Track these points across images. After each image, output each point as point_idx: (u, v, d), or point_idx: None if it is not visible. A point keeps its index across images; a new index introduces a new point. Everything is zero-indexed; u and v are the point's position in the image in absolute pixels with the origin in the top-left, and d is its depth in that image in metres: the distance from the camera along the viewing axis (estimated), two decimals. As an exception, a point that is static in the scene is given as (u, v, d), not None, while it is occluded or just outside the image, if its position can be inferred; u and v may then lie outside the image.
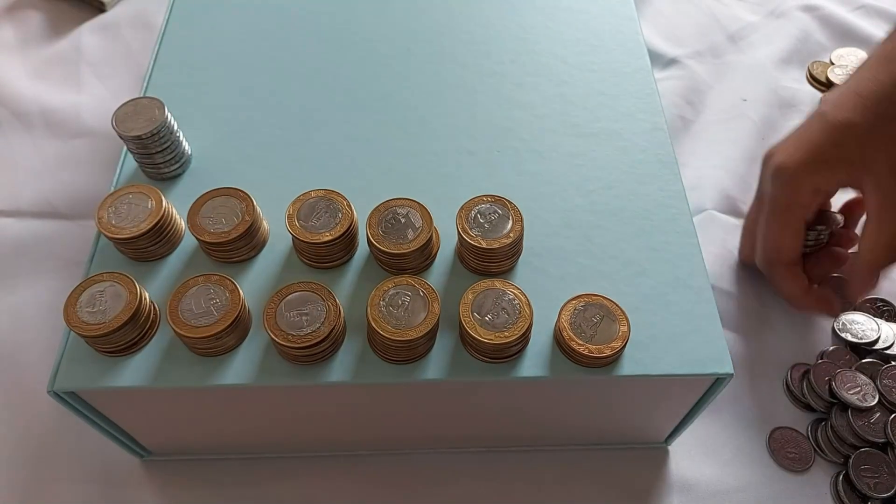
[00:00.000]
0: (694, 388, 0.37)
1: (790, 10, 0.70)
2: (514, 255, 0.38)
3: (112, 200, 0.38)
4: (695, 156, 0.59)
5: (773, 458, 0.44)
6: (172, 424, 0.40)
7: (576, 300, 0.36)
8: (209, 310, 0.34)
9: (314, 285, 0.35)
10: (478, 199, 0.38)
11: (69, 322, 0.34)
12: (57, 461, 0.44)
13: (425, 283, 0.35)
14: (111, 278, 0.35)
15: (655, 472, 0.44)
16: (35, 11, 0.68)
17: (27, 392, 0.46)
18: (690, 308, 0.37)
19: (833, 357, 0.47)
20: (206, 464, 0.44)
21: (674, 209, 0.41)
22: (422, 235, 0.37)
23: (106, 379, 0.35)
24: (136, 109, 0.40)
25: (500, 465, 0.44)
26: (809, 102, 0.63)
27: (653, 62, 0.64)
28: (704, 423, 0.45)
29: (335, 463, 0.44)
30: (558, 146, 0.44)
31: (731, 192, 0.56)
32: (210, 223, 0.37)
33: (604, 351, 0.34)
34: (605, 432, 0.43)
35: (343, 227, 0.37)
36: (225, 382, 0.34)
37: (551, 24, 0.51)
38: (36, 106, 0.61)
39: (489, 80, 0.47)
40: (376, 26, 0.51)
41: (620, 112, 0.45)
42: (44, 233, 0.53)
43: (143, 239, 0.37)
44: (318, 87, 0.47)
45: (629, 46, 0.49)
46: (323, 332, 0.34)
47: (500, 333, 0.34)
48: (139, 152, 0.40)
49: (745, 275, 0.52)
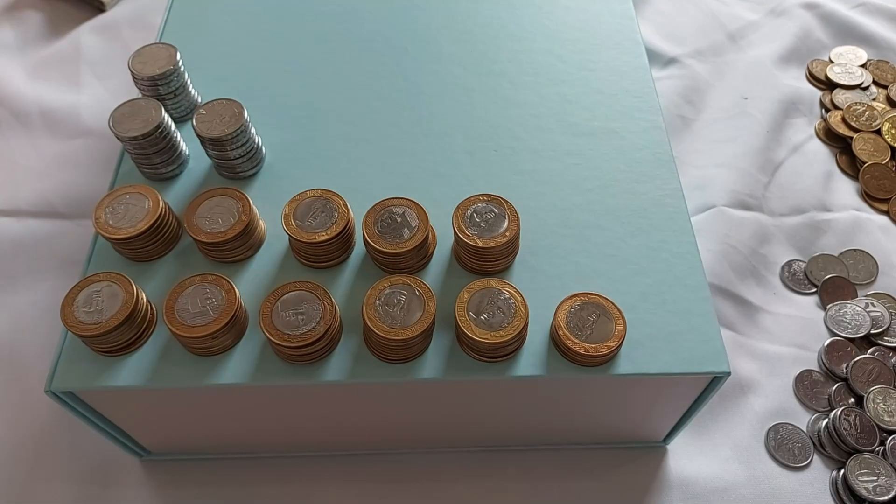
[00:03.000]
0: (691, 387, 0.37)
1: (790, 8, 0.70)
2: (511, 254, 0.38)
3: (109, 201, 0.38)
4: (698, 154, 0.59)
5: (771, 455, 0.44)
6: (170, 424, 0.40)
7: (572, 299, 0.36)
8: (205, 309, 0.34)
9: (310, 285, 0.35)
10: (474, 199, 0.38)
11: (66, 322, 0.34)
12: (55, 461, 0.44)
13: (421, 283, 0.35)
14: (108, 278, 0.35)
15: (654, 470, 0.44)
16: (35, 11, 0.68)
17: (25, 392, 0.46)
18: (687, 307, 0.37)
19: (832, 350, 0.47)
20: (205, 464, 0.44)
21: (671, 208, 0.41)
22: (418, 235, 0.37)
23: (103, 379, 0.35)
24: (133, 110, 0.40)
25: (496, 465, 0.44)
26: (810, 101, 0.63)
27: (653, 61, 0.65)
28: (703, 422, 0.45)
29: (332, 463, 0.44)
30: (555, 145, 0.44)
31: (737, 188, 0.56)
32: (206, 223, 0.37)
33: (600, 350, 0.34)
34: (602, 432, 0.43)
35: (339, 227, 0.37)
36: (221, 382, 0.35)
37: (549, 22, 0.51)
38: (35, 106, 0.61)
39: (486, 79, 0.47)
40: (374, 26, 0.51)
41: (618, 111, 0.45)
42: (43, 232, 0.53)
43: (140, 239, 0.37)
44: (315, 87, 0.47)
45: (627, 45, 0.49)
46: (318, 331, 0.34)
47: (495, 333, 0.34)
48: (136, 153, 0.40)
49: (744, 272, 0.52)
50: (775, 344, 0.49)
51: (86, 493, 0.43)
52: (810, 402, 0.46)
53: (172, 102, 0.44)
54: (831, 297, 0.51)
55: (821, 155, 0.59)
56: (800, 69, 0.66)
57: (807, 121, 0.62)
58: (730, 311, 0.50)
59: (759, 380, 0.47)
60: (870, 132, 0.59)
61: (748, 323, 0.50)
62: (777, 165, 0.58)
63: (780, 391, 0.47)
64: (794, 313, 0.50)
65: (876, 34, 0.67)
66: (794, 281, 0.52)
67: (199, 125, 0.40)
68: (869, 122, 0.59)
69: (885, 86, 0.63)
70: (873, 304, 0.50)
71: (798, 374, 0.47)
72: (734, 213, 0.55)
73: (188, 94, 0.44)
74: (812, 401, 0.46)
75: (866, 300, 0.50)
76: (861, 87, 0.63)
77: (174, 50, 0.43)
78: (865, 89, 0.63)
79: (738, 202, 0.55)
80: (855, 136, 0.59)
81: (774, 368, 0.48)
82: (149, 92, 0.43)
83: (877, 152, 0.58)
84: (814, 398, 0.46)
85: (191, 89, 0.45)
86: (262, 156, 0.43)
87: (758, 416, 0.46)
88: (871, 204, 0.56)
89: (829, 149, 0.60)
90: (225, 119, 0.40)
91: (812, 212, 0.56)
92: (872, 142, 0.58)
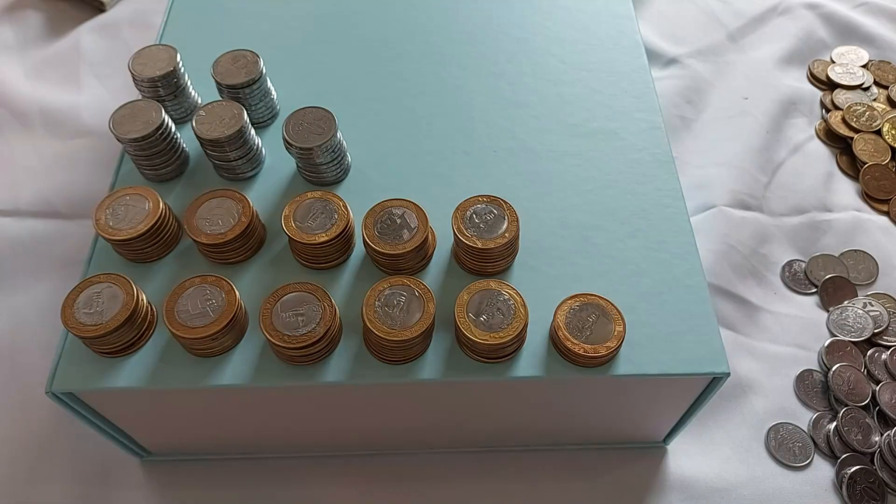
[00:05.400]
0: (690, 388, 0.37)
1: (791, 7, 0.70)
2: (510, 255, 0.38)
3: (109, 202, 0.38)
4: (698, 154, 0.59)
5: (771, 455, 0.44)
6: (171, 425, 0.40)
7: (571, 300, 0.36)
8: (205, 311, 0.34)
9: (310, 286, 0.35)
10: (473, 200, 0.38)
11: (66, 323, 0.34)
12: (56, 461, 0.44)
13: (421, 284, 0.35)
14: (108, 280, 0.35)
15: (654, 471, 0.44)
16: (35, 11, 0.68)
17: (26, 392, 0.46)
18: (687, 307, 0.37)
19: (833, 350, 0.47)
20: (206, 464, 0.44)
21: (671, 208, 0.41)
22: (417, 236, 0.37)
23: (104, 380, 0.35)
24: (133, 112, 0.40)
25: (496, 466, 0.44)
26: (810, 101, 0.63)
27: (653, 62, 0.65)
28: (702, 422, 0.45)
29: (332, 463, 0.44)
30: (555, 146, 0.44)
31: (737, 188, 0.56)
32: (207, 224, 0.37)
33: (599, 350, 0.34)
34: (602, 432, 0.43)
35: (339, 228, 0.37)
36: (221, 383, 0.35)
37: (549, 23, 0.51)
38: (35, 106, 0.61)
39: (486, 79, 0.47)
40: (373, 27, 0.51)
41: (617, 111, 0.45)
42: (43, 233, 0.53)
43: (141, 240, 0.37)
44: (314, 87, 0.47)
45: (627, 45, 0.49)
46: (318, 332, 0.34)
47: (495, 334, 0.34)
48: (137, 154, 0.40)
49: (745, 272, 0.52)
50: (776, 344, 0.49)
51: (86, 494, 0.43)
52: (811, 402, 0.46)
53: (173, 104, 0.44)
54: (832, 297, 0.51)
55: (821, 155, 0.59)
56: (801, 69, 0.66)
57: (807, 121, 0.62)
58: (730, 310, 0.50)
59: (760, 379, 0.47)
60: (870, 133, 0.59)
61: (748, 323, 0.50)
62: (777, 165, 0.58)
63: (780, 391, 0.47)
64: (795, 313, 0.50)
65: (877, 34, 0.67)
66: (795, 281, 0.52)
67: (199, 127, 0.40)
68: (869, 123, 0.59)
69: (886, 86, 0.63)
70: (871, 303, 0.50)
71: (798, 373, 0.47)
72: (734, 212, 0.55)
73: (188, 96, 0.44)
74: (813, 400, 0.46)
75: (865, 300, 0.50)
76: (862, 87, 0.63)
77: (174, 51, 0.43)
78: (866, 90, 0.63)
79: (738, 202, 0.55)
80: (855, 136, 0.59)
81: (775, 368, 0.48)
82: (149, 93, 0.43)
83: (877, 153, 0.58)
84: (814, 398, 0.46)
85: (191, 91, 0.45)
86: (261, 157, 0.43)
87: (758, 416, 0.46)
88: (871, 204, 0.56)
89: (829, 149, 0.60)
90: (224, 121, 0.40)
91: (812, 212, 0.56)
92: (873, 142, 0.58)
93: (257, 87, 0.43)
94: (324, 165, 0.40)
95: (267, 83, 0.44)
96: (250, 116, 0.42)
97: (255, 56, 0.43)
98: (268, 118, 0.45)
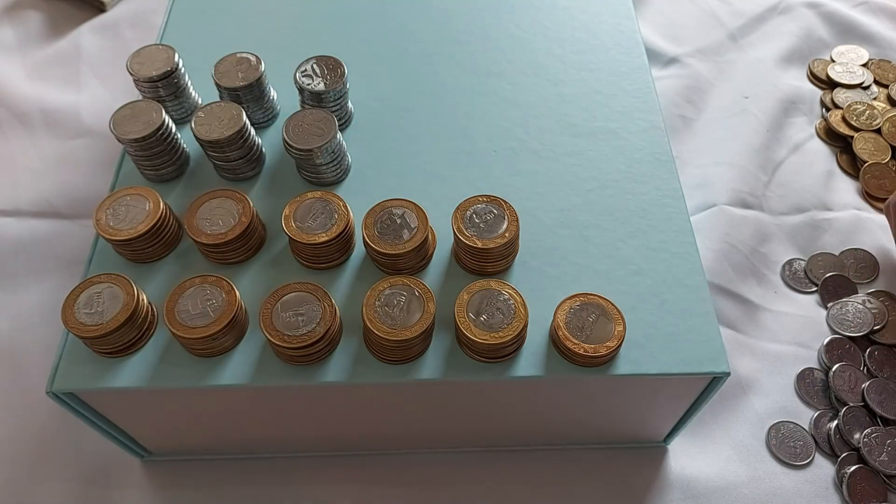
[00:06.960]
0: (691, 388, 0.37)
1: (791, 7, 0.70)
2: (510, 255, 0.38)
3: (110, 202, 0.38)
4: (699, 153, 0.59)
5: (772, 454, 0.44)
6: (171, 425, 0.40)
7: (571, 300, 0.36)
8: (206, 311, 0.34)
9: (310, 286, 0.35)
10: (473, 199, 0.38)
11: (67, 323, 0.34)
12: (56, 461, 0.44)
13: (421, 283, 0.35)
14: (109, 280, 0.35)
15: (654, 470, 0.44)
16: (35, 11, 0.68)
17: (26, 392, 0.46)
18: (687, 307, 0.37)
19: (832, 348, 0.48)
20: (206, 464, 0.44)
21: (671, 208, 0.41)
22: (417, 236, 0.37)
23: (104, 380, 0.35)
24: (133, 112, 0.40)
25: (497, 466, 0.44)
26: (810, 100, 0.63)
27: (653, 61, 0.65)
28: (703, 421, 0.45)
29: (332, 463, 0.44)
30: (555, 146, 0.44)
31: (737, 187, 0.56)
32: (207, 224, 0.38)
33: (599, 350, 0.34)
34: (602, 432, 0.43)
35: (339, 228, 0.37)
36: (221, 383, 0.35)
37: (548, 23, 0.51)
38: (35, 106, 0.61)
39: (486, 79, 0.47)
40: (372, 27, 0.51)
41: (617, 111, 0.45)
42: (43, 232, 0.53)
43: (141, 240, 0.37)
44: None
45: (627, 45, 0.49)
46: (318, 332, 0.34)
47: (495, 334, 0.34)
48: (137, 155, 0.40)
49: (745, 270, 0.52)
50: (776, 342, 0.49)
51: (87, 494, 0.43)
52: (811, 401, 0.46)
53: (173, 104, 0.44)
54: (832, 295, 0.51)
55: (821, 154, 0.59)
56: (801, 68, 0.66)
57: (807, 120, 0.62)
58: (730, 309, 0.50)
59: (760, 378, 0.47)
60: (870, 131, 0.59)
61: (749, 322, 0.50)
62: (777, 164, 0.58)
63: (781, 390, 0.47)
64: (795, 312, 0.50)
65: (877, 33, 0.67)
66: (795, 280, 0.52)
67: (198, 128, 0.40)
68: (869, 122, 0.59)
69: (886, 85, 0.63)
70: (870, 300, 0.50)
71: (799, 372, 0.47)
72: (735, 211, 0.55)
73: (189, 96, 0.44)
74: (813, 399, 0.46)
75: (864, 297, 0.50)
76: (862, 86, 0.63)
77: (172, 51, 0.43)
78: (866, 88, 0.63)
79: (738, 201, 0.55)
80: (855, 135, 0.59)
81: (775, 367, 0.48)
82: (149, 94, 0.43)
83: (877, 151, 0.58)
84: (815, 396, 0.46)
85: (191, 91, 0.45)
86: (262, 157, 0.43)
87: (759, 415, 0.46)
88: (871, 203, 0.56)
89: (829, 148, 0.60)
90: (224, 122, 0.40)
91: (812, 211, 0.56)
92: (873, 141, 0.58)
93: (257, 90, 0.43)
94: (324, 166, 0.40)
95: (267, 86, 0.44)
96: (250, 118, 0.42)
97: (257, 59, 0.43)
98: (268, 119, 0.45)
